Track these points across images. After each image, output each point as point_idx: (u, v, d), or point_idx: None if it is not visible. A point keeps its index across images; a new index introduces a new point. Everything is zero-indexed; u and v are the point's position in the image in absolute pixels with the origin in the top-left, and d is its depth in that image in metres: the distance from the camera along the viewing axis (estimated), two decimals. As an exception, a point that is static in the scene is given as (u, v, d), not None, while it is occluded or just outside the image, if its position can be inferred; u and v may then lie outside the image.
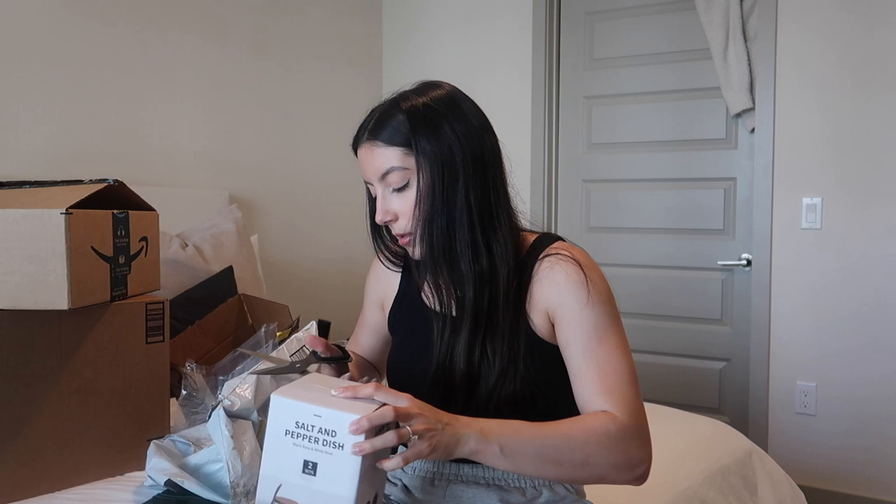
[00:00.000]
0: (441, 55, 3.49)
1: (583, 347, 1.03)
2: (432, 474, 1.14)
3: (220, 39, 2.90)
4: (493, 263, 1.06)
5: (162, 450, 1.38)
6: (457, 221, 1.04)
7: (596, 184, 3.19)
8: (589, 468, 0.98)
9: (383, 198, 1.06)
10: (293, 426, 0.87)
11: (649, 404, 2.12)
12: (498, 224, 1.07)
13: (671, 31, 2.98)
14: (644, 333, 3.08)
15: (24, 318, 1.34)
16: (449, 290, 1.08)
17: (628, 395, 1.02)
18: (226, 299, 2.21)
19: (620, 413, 1.00)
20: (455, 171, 1.03)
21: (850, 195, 2.63)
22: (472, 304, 1.06)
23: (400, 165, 1.04)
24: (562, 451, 0.96)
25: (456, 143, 1.04)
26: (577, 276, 1.05)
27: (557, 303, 1.05)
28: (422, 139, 1.03)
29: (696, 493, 1.57)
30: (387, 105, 1.07)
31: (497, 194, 1.08)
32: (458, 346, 1.07)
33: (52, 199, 1.35)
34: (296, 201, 3.22)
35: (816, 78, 2.66)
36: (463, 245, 1.04)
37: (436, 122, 1.04)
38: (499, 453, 0.93)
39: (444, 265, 1.06)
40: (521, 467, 0.96)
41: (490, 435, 0.93)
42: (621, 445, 0.98)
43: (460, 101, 1.08)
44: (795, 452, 2.73)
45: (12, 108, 2.28)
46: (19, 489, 1.34)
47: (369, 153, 1.06)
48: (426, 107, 1.05)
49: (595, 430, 0.98)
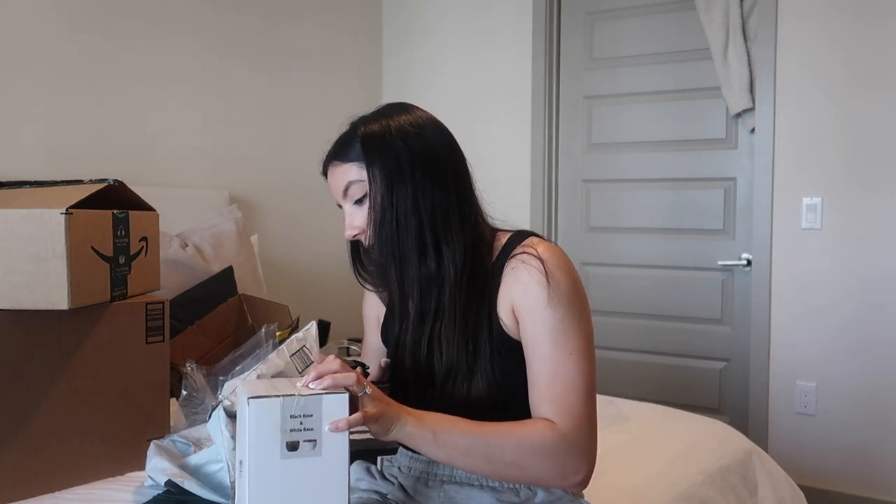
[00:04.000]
0: (441, 55, 3.49)
1: (538, 351, 1.05)
2: (426, 475, 1.15)
3: (221, 40, 2.90)
4: (442, 264, 1.08)
5: (162, 450, 1.38)
6: (403, 226, 1.07)
7: (596, 184, 3.19)
8: (520, 470, 1.02)
9: (349, 214, 1.13)
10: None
11: (649, 404, 2.13)
12: (449, 227, 1.09)
13: (671, 31, 2.98)
14: (644, 333, 3.08)
15: (24, 318, 1.34)
16: (401, 292, 1.12)
17: (574, 404, 1.03)
18: (226, 299, 2.21)
19: (561, 423, 1.02)
20: (403, 178, 1.08)
21: (850, 195, 2.63)
22: (419, 304, 1.11)
23: (356, 179, 1.10)
24: (492, 449, 1.00)
25: (404, 150, 1.08)
26: (538, 275, 1.05)
27: (519, 302, 1.06)
28: (371, 151, 1.09)
29: (696, 494, 1.57)
30: (346, 130, 1.15)
31: (450, 199, 1.10)
32: (407, 340, 1.15)
33: (52, 199, 1.35)
34: (296, 201, 3.22)
35: (816, 78, 2.66)
36: (410, 248, 1.08)
37: (384, 135, 1.10)
38: (432, 440, 0.99)
39: (393, 268, 1.09)
40: (454, 458, 1.01)
41: (426, 422, 0.99)
42: (555, 455, 1.01)
43: (415, 116, 1.13)
44: (795, 452, 2.73)
45: (12, 108, 2.28)
46: (19, 489, 1.34)
47: (332, 174, 1.14)
48: (378, 123, 1.11)
49: (529, 436, 1.01)
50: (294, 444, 0.89)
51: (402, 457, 1.20)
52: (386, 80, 3.65)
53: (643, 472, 1.58)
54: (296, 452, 0.89)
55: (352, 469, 1.21)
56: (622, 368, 3.09)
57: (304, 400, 0.89)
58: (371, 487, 1.19)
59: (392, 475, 1.20)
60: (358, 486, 1.20)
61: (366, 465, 1.22)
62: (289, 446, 0.89)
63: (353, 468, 1.21)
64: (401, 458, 1.20)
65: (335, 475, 0.89)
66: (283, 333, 2.07)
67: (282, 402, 0.89)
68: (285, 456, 0.89)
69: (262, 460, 0.89)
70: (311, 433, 0.89)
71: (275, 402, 0.89)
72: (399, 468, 1.20)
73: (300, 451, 0.89)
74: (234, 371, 1.46)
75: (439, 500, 1.13)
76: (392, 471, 1.20)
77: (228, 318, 2.17)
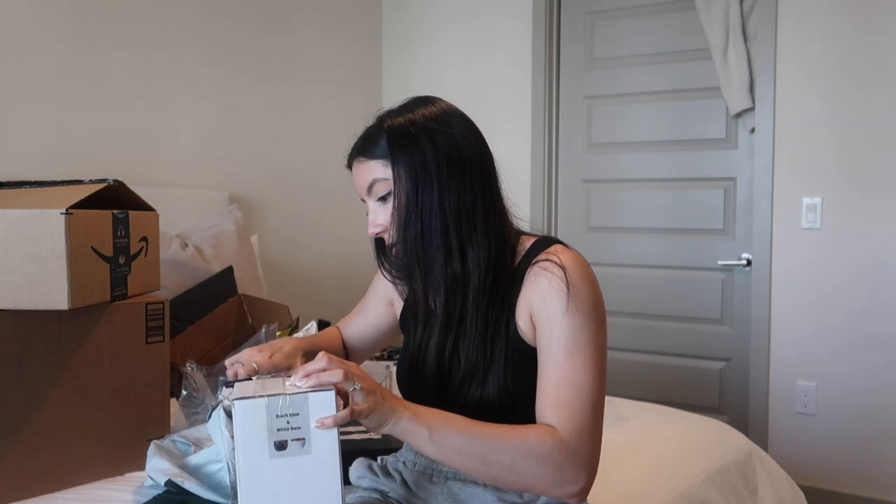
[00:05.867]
0: (441, 55, 3.49)
1: (550, 356, 1.03)
2: (431, 470, 1.15)
3: (221, 42, 2.90)
4: (466, 267, 1.08)
5: (162, 450, 1.39)
6: (429, 227, 1.06)
7: (596, 184, 3.19)
8: (515, 474, 0.99)
9: (372, 211, 1.12)
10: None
11: (649, 404, 2.13)
12: (474, 229, 1.08)
13: (671, 31, 2.98)
14: (644, 333, 3.08)
15: (24, 318, 1.34)
16: (425, 295, 1.12)
17: (579, 413, 1.01)
18: (226, 299, 2.21)
19: (563, 429, 1.00)
20: (429, 178, 1.06)
21: (851, 195, 2.63)
22: (444, 306, 1.10)
23: (381, 177, 1.08)
24: (488, 451, 0.98)
25: (430, 149, 1.07)
26: (559, 283, 1.04)
27: (538, 308, 1.05)
28: (397, 149, 1.07)
29: (696, 493, 1.57)
30: (372, 124, 1.13)
31: (476, 200, 1.09)
32: (431, 345, 1.13)
33: (52, 199, 1.35)
34: (296, 201, 3.22)
35: (816, 78, 2.66)
36: (435, 250, 1.07)
37: (412, 133, 1.08)
38: (427, 437, 0.96)
39: (418, 270, 1.08)
40: (448, 457, 0.98)
41: (422, 418, 0.97)
42: (553, 462, 0.98)
43: (443, 111, 1.12)
44: (795, 452, 2.73)
45: (12, 108, 2.28)
46: (19, 489, 1.34)
47: (357, 169, 1.12)
48: (404, 118, 1.10)
49: (528, 440, 0.98)
50: (282, 443, 0.89)
51: (406, 451, 1.20)
52: (386, 82, 3.65)
53: (643, 472, 1.58)
54: (285, 451, 0.89)
55: (353, 467, 1.21)
56: (622, 368, 3.09)
57: (289, 399, 0.89)
58: (373, 485, 1.19)
59: (396, 469, 1.20)
60: (359, 483, 1.20)
61: (367, 463, 1.22)
62: (277, 446, 0.89)
63: (354, 466, 1.21)
64: (406, 452, 1.20)
65: (326, 472, 0.89)
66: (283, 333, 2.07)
67: (266, 402, 0.89)
68: (274, 456, 0.89)
69: (251, 461, 0.89)
70: (298, 432, 0.89)
71: (260, 402, 0.89)
72: (404, 462, 1.20)
73: (289, 450, 0.89)
74: (234, 371, 1.46)
75: (442, 496, 1.13)
76: (397, 465, 1.20)
77: (228, 318, 2.17)
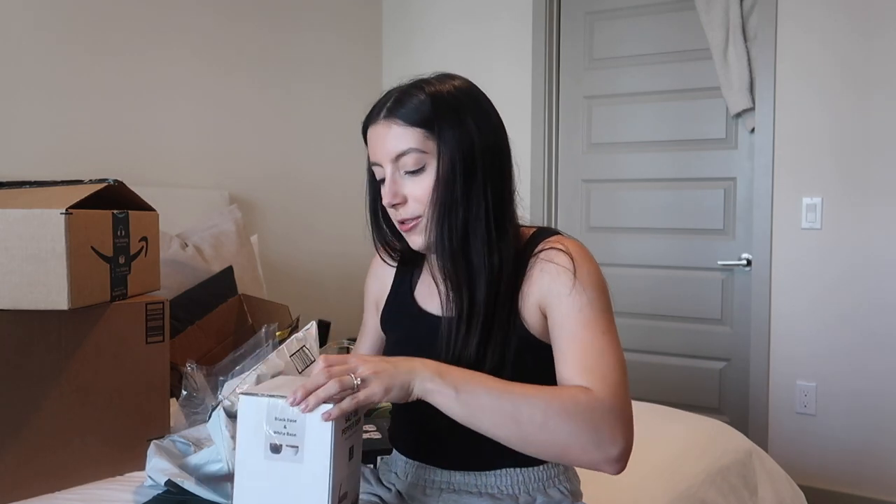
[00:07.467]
0: (441, 55, 3.49)
1: (568, 331, 1.00)
2: (424, 481, 1.13)
3: (222, 41, 2.90)
4: (502, 260, 1.04)
5: (162, 450, 1.38)
6: (474, 215, 1.03)
7: (596, 184, 3.19)
8: (549, 433, 0.91)
9: (393, 180, 1.04)
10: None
11: (649, 404, 2.12)
12: (507, 221, 1.07)
13: (671, 31, 2.98)
14: (644, 333, 3.08)
15: (24, 318, 1.34)
16: (460, 285, 1.04)
17: (609, 374, 0.96)
18: (226, 299, 2.21)
19: (598, 389, 0.94)
20: (474, 162, 1.03)
21: (850, 195, 2.63)
22: (484, 301, 1.03)
23: (418, 148, 1.02)
24: (520, 408, 0.91)
25: (476, 134, 1.04)
26: (566, 264, 1.03)
27: (546, 291, 1.03)
28: (445, 125, 1.02)
29: (696, 493, 1.57)
30: (407, 87, 1.05)
31: (508, 191, 1.08)
32: (469, 347, 1.03)
33: (52, 199, 1.35)
34: (296, 201, 3.22)
35: (816, 78, 2.66)
36: (479, 240, 1.03)
37: (459, 111, 1.03)
38: (454, 396, 0.91)
39: (461, 258, 1.03)
40: (477, 418, 0.92)
41: (447, 376, 0.92)
42: (589, 417, 0.91)
43: (479, 94, 1.09)
44: (795, 452, 2.73)
45: (12, 108, 2.28)
46: (19, 489, 1.34)
47: (385, 132, 1.03)
48: (450, 94, 1.04)
49: (561, 397, 0.93)
50: (277, 446, 0.89)
51: (398, 461, 1.18)
52: (385, 80, 3.64)
53: (643, 472, 1.58)
54: (278, 455, 0.89)
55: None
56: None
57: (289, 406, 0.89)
58: (368, 491, 1.18)
59: (390, 482, 1.18)
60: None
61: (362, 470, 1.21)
62: (272, 448, 0.89)
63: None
64: (397, 461, 1.18)
65: (315, 486, 0.88)
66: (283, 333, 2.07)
67: (268, 402, 0.89)
68: (268, 457, 0.89)
69: (248, 456, 0.90)
70: (293, 439, 0.88)
71: (262, 401, 0.89)
72: (396, 473, 1.17)
73: (282, 454, 0.89)
74: (234, 371, 1.46)
75: None
76: (389, 477, 1.18)
77: (228, 318, 2.17)
